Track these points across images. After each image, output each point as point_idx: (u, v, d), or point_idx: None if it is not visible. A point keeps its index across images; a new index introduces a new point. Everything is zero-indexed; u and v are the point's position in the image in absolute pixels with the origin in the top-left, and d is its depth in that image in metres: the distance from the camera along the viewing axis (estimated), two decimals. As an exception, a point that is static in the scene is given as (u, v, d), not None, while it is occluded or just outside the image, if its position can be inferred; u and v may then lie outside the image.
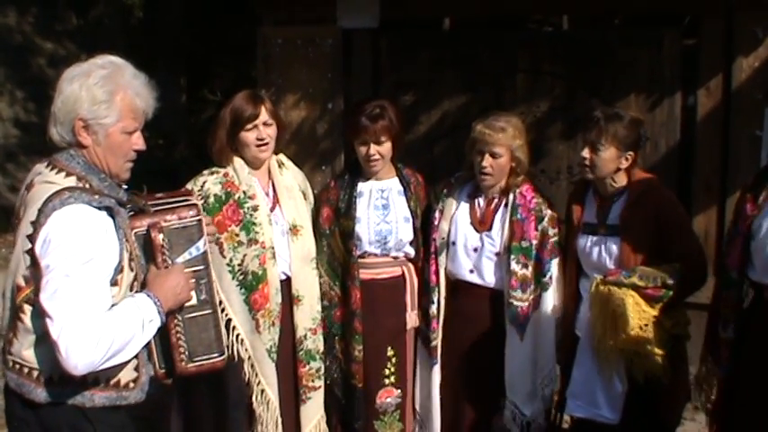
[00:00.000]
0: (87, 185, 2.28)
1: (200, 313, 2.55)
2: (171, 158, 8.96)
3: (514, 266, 3.41)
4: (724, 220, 4.72)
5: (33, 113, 10.61)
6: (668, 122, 4.87)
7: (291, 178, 3.57)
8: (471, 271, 3.52)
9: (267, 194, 3.47)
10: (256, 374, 3.38)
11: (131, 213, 2.42)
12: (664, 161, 4.86)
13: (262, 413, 3.39)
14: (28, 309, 2.24)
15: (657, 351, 3.11)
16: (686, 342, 3.32)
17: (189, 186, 3.36)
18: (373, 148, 3.48)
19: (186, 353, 2.50)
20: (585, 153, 3.25)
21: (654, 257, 3.20)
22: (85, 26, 11.03)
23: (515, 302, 3.42)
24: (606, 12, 5.50)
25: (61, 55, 10.93)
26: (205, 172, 3.42)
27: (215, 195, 3.34)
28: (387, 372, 3.62)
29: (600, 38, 5.13)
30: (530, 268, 3.43)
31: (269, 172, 3.50)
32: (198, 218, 2.52)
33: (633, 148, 3.27)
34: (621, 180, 3.30)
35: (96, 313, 2.18)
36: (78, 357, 2.13)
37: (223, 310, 3.28)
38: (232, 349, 3.30)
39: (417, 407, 3.69)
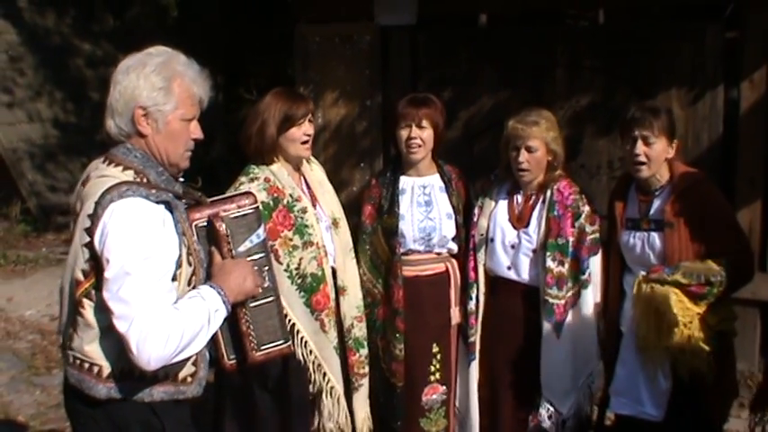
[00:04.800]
0: (144, 180, 2.24)
1: (265, 300, 2.54)
2: (208, 156, 9.02)
3: (550, 263, 3.39)
4: (768, 213, 4.67)
5: (72, 114, 10.75)
6: (710, 116, 4.78)
7: (320, 172, 3.55)
8: (509, 268, 3.51)
9: (304, 192, 3.43)
10: (324, 374, 3.35)
11: (187, 206, 2.39)
12: (706, 155, 4.77)
13: (332, 410, 3.37)
14: (88, 303, 2.21)
15: (702, 348, 3.08)
16: (733, 338, 3.29)
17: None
18: (415, 131, 3.48)
19: (255, 341, 2.50)
20: (639, 149, 3.21)
21: (699, 252, 3.16)
22: (122, 27, 11.17)
23: (551, 300, 3.39)
24: (642, 5, 5.45)
25: (98, 56, 11.09)
26: (243, 179, 3.28)
27: (262, 203, 3.14)
28: (432, 369, 3.60)
29: (640, 31, 5.07)
30: (566, 266, 3.40)
31: (299, 170, 3.46)
32: (255, 205, 2.52)
33: (676, 136, 3.27)
34: (665, 174, 3.27)
35: (163, 308, 2.15)
36: (150, 353, 2.11)
37: (285, 316, 3.18)
38: (296, 353, 3.25)
39: (457, 403, 3.69)
